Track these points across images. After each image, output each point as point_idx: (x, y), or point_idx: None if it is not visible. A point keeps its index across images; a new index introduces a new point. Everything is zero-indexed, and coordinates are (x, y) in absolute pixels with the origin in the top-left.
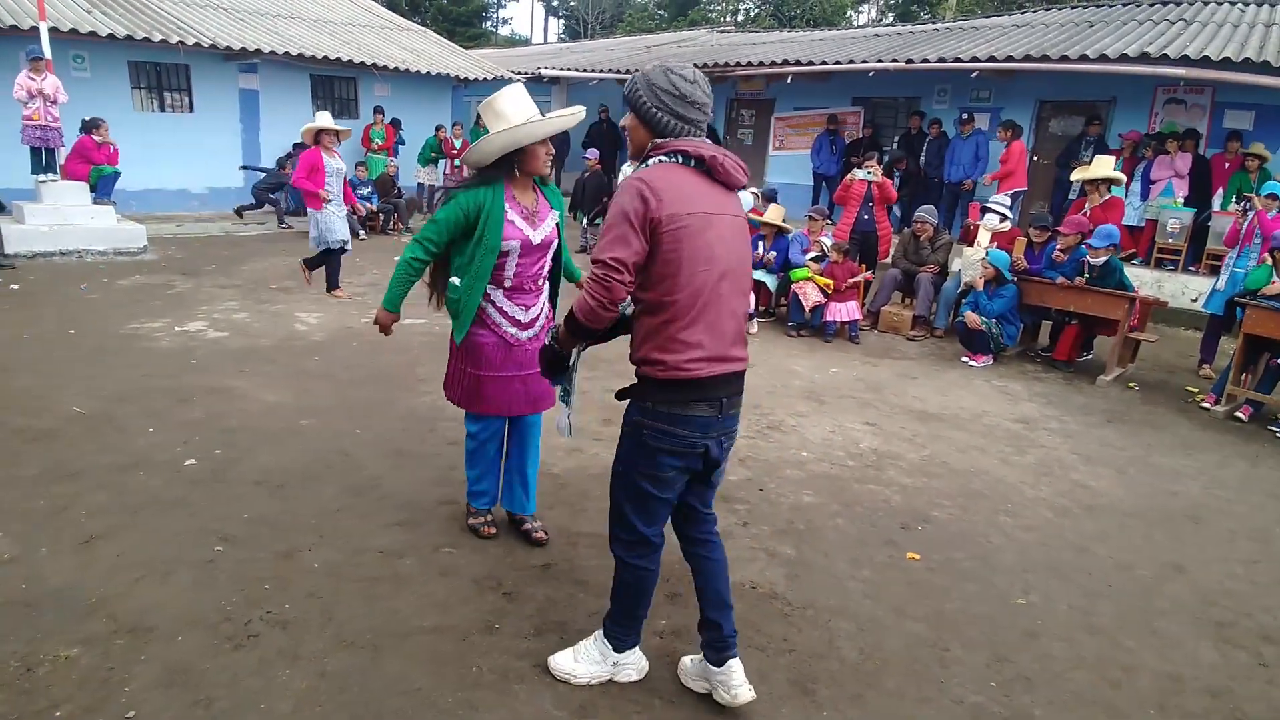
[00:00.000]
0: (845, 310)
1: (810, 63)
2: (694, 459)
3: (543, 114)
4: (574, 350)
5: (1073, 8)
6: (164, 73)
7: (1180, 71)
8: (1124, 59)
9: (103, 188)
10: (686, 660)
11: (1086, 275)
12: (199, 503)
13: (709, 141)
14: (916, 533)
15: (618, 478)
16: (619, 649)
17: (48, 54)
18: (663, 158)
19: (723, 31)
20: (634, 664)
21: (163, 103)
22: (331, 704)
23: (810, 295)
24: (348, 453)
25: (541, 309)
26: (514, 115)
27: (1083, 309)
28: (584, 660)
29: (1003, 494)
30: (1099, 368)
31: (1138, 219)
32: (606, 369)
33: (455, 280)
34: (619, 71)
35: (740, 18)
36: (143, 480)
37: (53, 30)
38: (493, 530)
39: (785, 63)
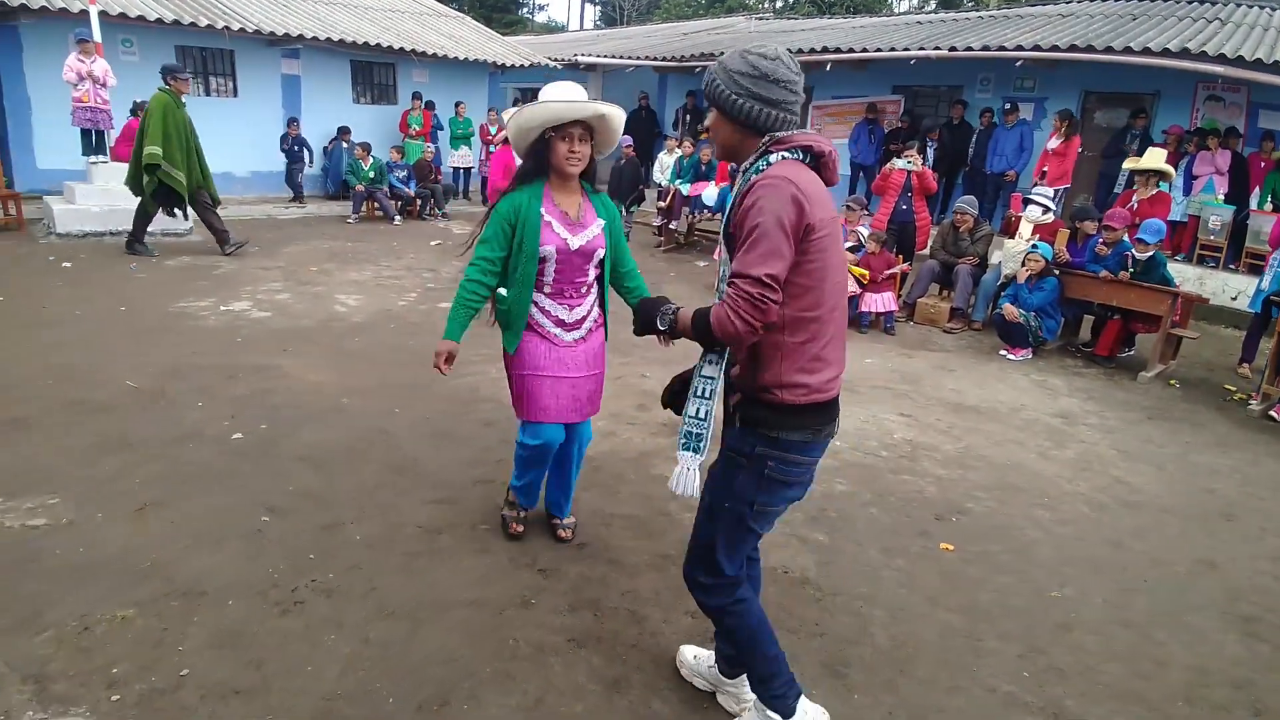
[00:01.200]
0: (881, 301)
1: (850, 50)
2: (799, 489)
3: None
4: (707, 377)
5: (1115, 0)
6: (210, 57)
7: (1219, 69)
8: (1166, 53)
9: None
10: (688, 653)
11: (1131, 270)
12: (247, 475)
13: (813, 132)
14: (951, 524)
15: (718, 515)
16: (785, 711)
17: (97, 37)
18: (785, 154)
19: (760, 18)
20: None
21: (208, 87)
22: (375, 670)
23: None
24: (387, 431)
25: (589, 311)
26: (556, 95)
27: (1125, 304)
28: None
29: (1040, 488)
30: (1140, 364)
31: (1180, 214)
32: (639, 354)
33: (502, 290)
34: (656, 59)
35: (779, 4)
36: (193, 452)
37: (102, 14)
38: (520, 529)
39: (824, 50)
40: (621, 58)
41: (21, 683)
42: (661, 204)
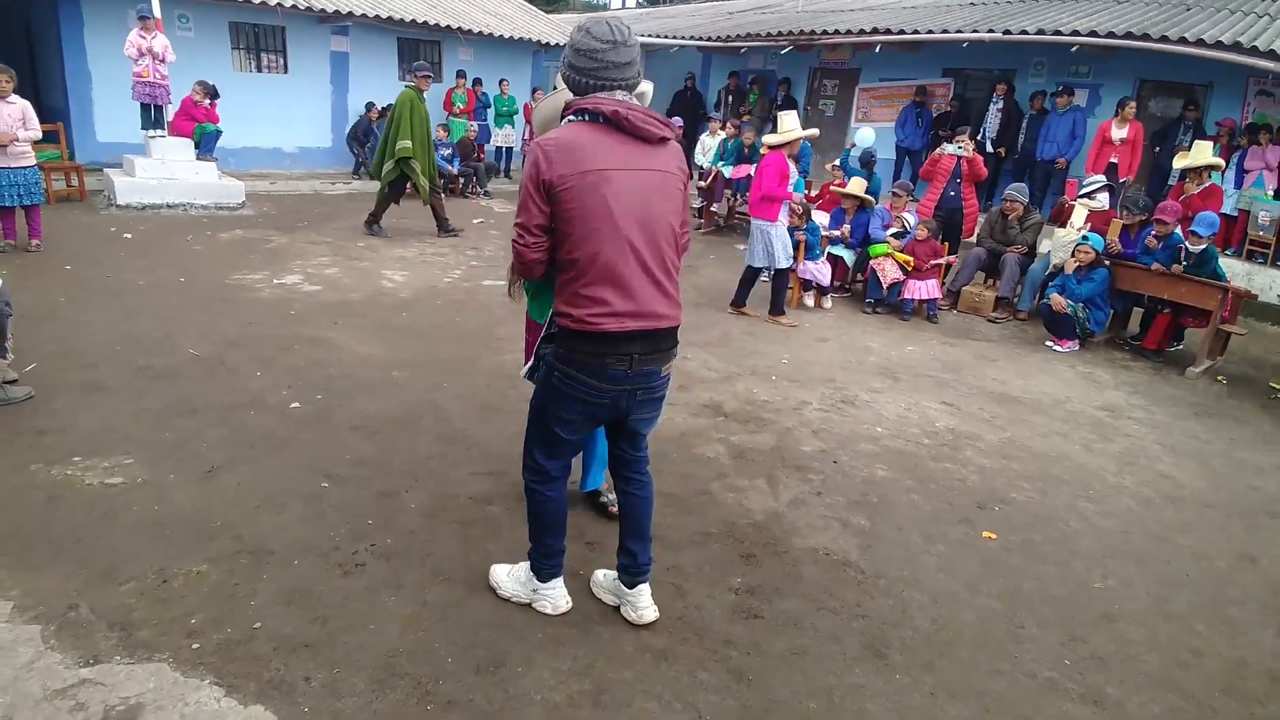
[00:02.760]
0: (925, 289)
1: (901, 31)
2: (600, 409)
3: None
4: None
5: None
6: (262, 34)
7: (1268, 64)
8: (1219, 45)
9: (205, 145)
10: (600, 574)
11: (1183, 263)
12: (306, 442)
13: (623, 96)
14: (993, 513)
15: (531, 412)
16: (540, 579)
17: (158, 13)
18: (571, 118)
19: None
20: (550, 598)
21: (259, 64)
22: (433, 630)
23: (889, 272)
24: (437, 404)
25: None
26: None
27: (1176, 297)
28: (512, 580)
29: (1084, 480)
30: (1188, 358)
31: (1231, 208)
32: (682, 338)
33: None
34: (701, 38)
35: None
36: (255, 419)
37: None
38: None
39: (874, 31)
40: (666, 37)
41: (109, 629)
42: (702, 184)
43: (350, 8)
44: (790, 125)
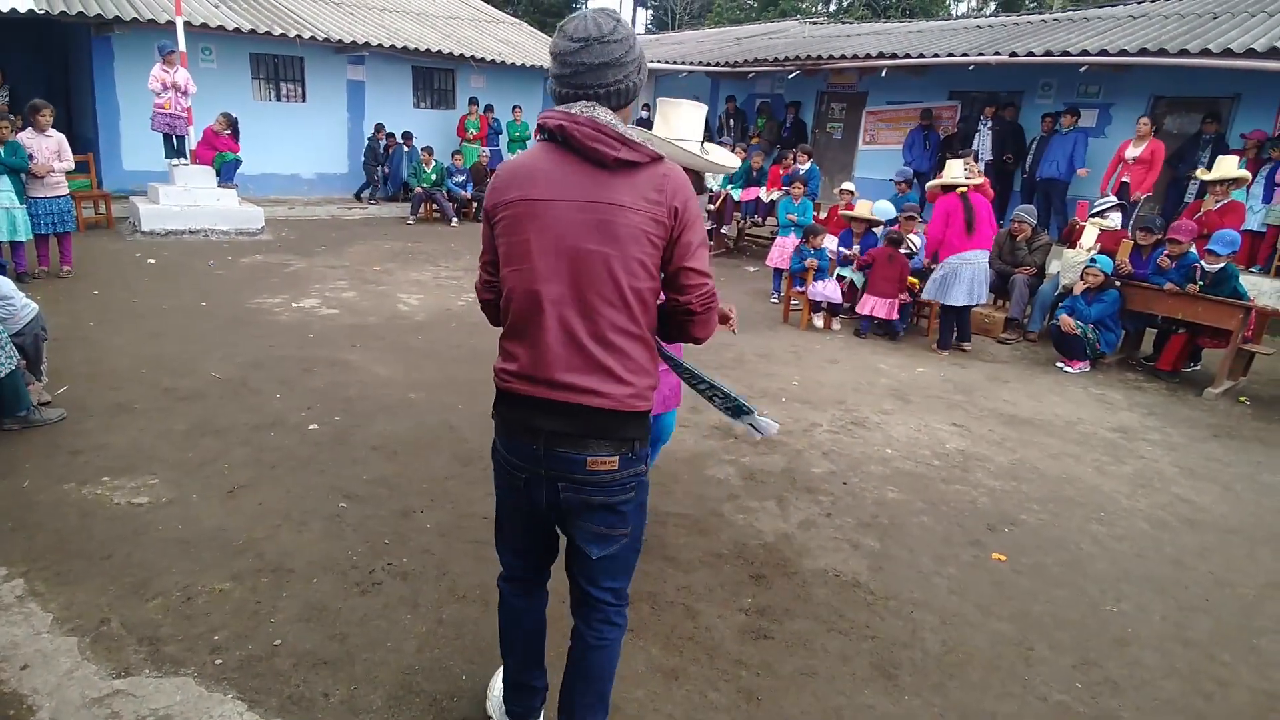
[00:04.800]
0: (882, 307)
1: (906, 55)
2: (518, 494)
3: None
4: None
5: None
6: (281, 64)
7: None
8: (1251, 54)
9: (226, 173)
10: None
11: (1199, 282)
12: (325, 462)
13: (585, 106)
14: (1004, 535)
15: None
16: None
17: (182, 47)
18: (538, 138)
19: (815, 22)
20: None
21: (279, 93)
22: (449, 648)
23: (825, 291)
24: (453, 425)
25: None
26: (679, 126)
27: (1192, 317)
28: (496, 697)
29: (1097, 503)
30: (1206, 379)
31: (1259, 224)
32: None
33: None
34: (709, 64)
35: (833, 8)
36: (276, 439)
37: (185, 24)
38: None
39: (880, 55)
40: (675, 62)
41: (138, 643)
42: (711, 208)
43: (367, 38)
44: (955, 174)
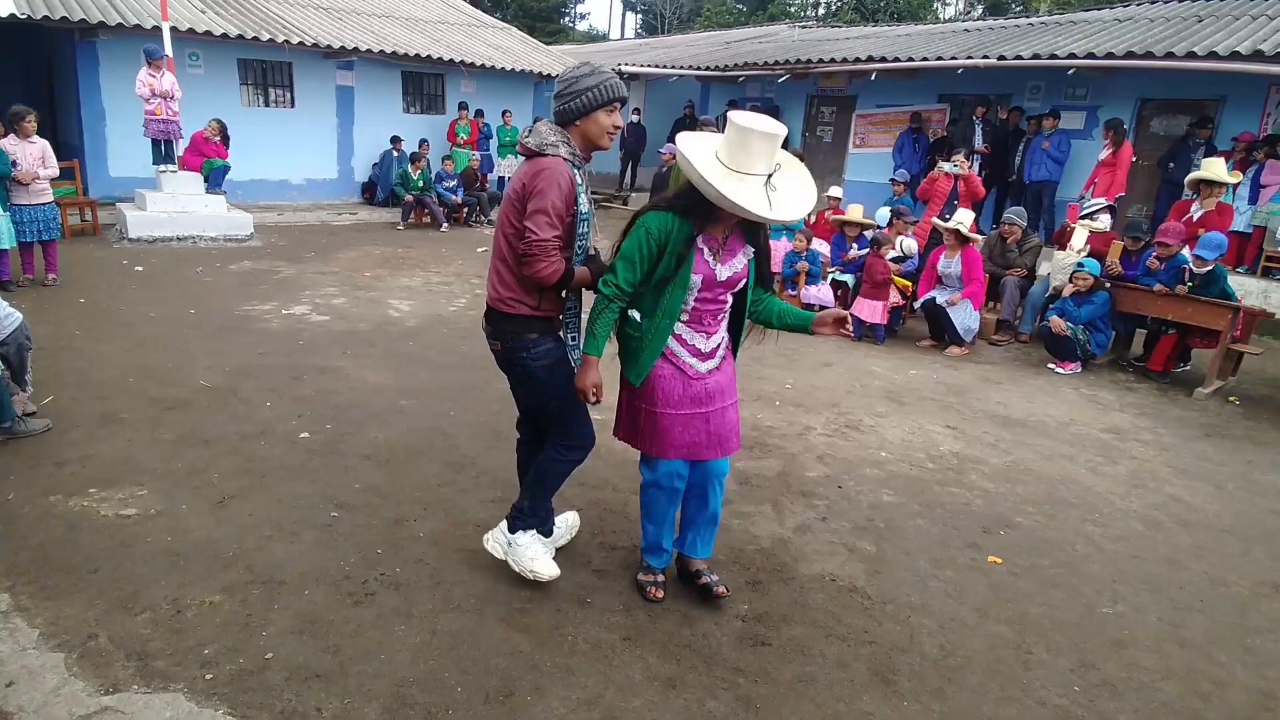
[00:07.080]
0: (870, 310)
1: (895, 59)
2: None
3: (768, 176)
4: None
5: (1180, 1)
6: (269, 70)
7: None
8: (1235, 56)
9: (214, 179)
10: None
11: (1189, 283)
12: (316, 471)
13: (544, 120)
14: (999, 537)
15: None
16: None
17: (169, 52)
18: None
19: (804, 26)
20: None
21: (267, 98)
22: (444, 659)
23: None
24: (446, 432)
25: (722, 338)
26: (748, 160)
27: (1182, 318)
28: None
29: (1091, 503)
30: (1196, 379)
31: (1245, 225)
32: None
33: (636, 315)
34: (699, 68)
35: (822, 12)
36: (266, 448)
37: (172, 29)
38: (661, 594)
39: (870, 59)
40: (665, 67)
41: (126, 659)
42: None
43: (356, 43)
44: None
